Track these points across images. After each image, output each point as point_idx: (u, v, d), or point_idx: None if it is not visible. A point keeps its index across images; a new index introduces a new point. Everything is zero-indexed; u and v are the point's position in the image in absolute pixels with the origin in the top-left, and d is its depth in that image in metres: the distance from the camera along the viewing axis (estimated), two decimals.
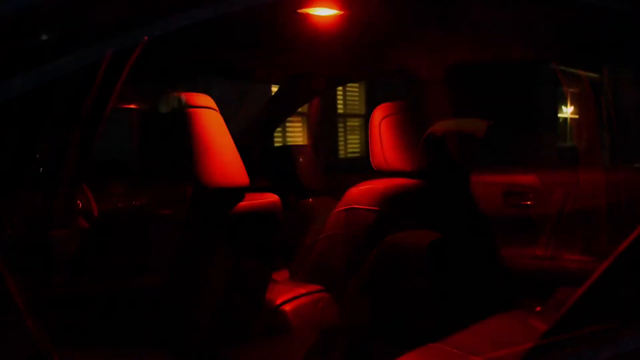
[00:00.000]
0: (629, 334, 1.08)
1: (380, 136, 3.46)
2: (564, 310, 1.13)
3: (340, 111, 17.10)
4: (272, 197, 2.65)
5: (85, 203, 3.28)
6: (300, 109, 8.20)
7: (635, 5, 2.76)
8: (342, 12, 2.97)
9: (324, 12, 2.95)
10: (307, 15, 2.99)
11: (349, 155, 17.49)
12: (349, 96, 17.40)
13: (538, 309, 3.36)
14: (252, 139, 4.83)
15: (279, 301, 2.96)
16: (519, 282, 3.82)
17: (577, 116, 24.99)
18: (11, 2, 2.59)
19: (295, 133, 15.25)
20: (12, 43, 2.70)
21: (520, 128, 20.19)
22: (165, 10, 2.82)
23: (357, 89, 17.52)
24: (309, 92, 4.87)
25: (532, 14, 3.02)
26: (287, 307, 2.95)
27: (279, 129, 14.04)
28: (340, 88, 16.63)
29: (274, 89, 5.02)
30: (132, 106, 4.74)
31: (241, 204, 2.48)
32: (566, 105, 25.23)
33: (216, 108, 2.41)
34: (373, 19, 3.16)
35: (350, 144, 17.65)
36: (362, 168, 4.55)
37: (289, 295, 3.01)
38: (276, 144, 13.57)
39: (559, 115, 24.81)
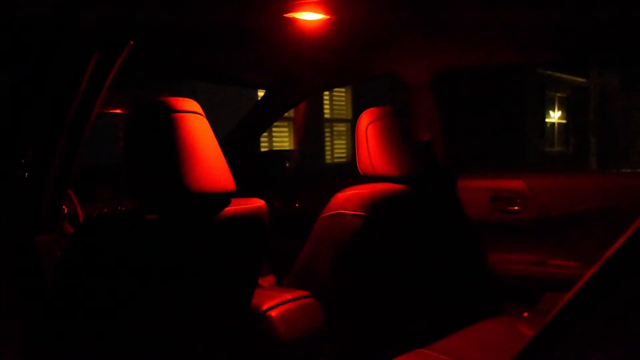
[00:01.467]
0: (618, 340, 1.07)
1: (367, 141, 3.45)
2: (552, 316, 1.11)
3: (326, 116, 17.15)
4: (258, 202, 2.64)
5: (71, 208, 3.26)
6: (286, 114, 8.22)
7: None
8: (328, 17, 2.96)
9: (310, 17, 2.95)
10: (294, 19, 2.99)
11: (336, 160, 17.52)
12: (335, 101, 17.44)
13: (525, 314, 3.36)
14: (238, 143, 4.82)
15: (265, 307, 2.94)
16: (506, 288, 3.81)
17: (564, 121, 25.11)
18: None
19: (282, 138, 15.27)
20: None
21: (507, 133, 20.26)
22: (151, 14, 2.82)
23: (343, 94, 17.58)
24: (295, 96, 4.86)
25: (519, 18, 3.01)
26: (273, 313, 2.93)
27: (265, 134, 14.07)
28: (326, 93, 16.67)
29: (261, 93, 5.00)
30: (118, 111, 4.73)
31: (227, 209, 2.46)
32: (554, 110, 25.33)
33: (202, 113, 2.40)
34: (360, 23, 3.15)
35: (336, 149, 17.69)
36: (349, 173, 4.55)
37: (275, 301, 3.00)
38: (262, 149, 13.59)
39: (547, 120, 24.91)
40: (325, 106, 17.06)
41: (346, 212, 3.23)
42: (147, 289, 2.36)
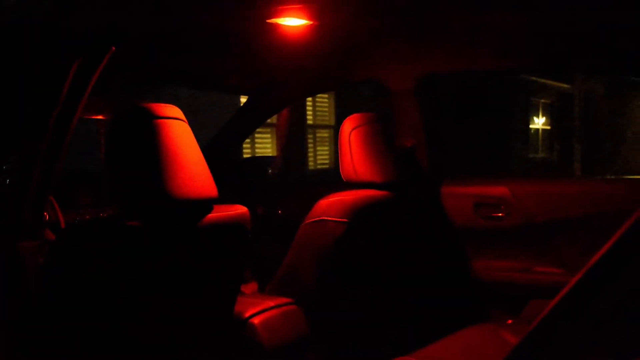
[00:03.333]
0: (603, 346, 1.06)
1: (350, 147, 3.44)
2: (536, 323, 1.11)
3: (309, 122, 17.13)
4: (240, 209, 2.63)
5: (52, 215, 3.24)
6: (269, 120, 8.23)
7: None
8: (311, 23, 2.95)
9: (293, 22, 2.94)
10: (277, 25, 2.98)
11: (319, 166, 17.51)
12: (318, 107, 17.43)
13: (510, 321, 3.35)
14: (221, 150, 4.81)
15: (247, 314, 2.93)
16: (490, 295, 3.81)
17: (549, 127, 25.17)
18: None
19: (265, 144, 15.25)
20: None
21: (491, 139, 20.29)
22: (134, 19, 2.80)
23: (326, 100, 17.56)
24: (278, 102, 4.85)
25: (504, 24, 3.01)
26: (255, 320, 2.92)
27: (248, 140, 14.05)
28: (309, 99, 16.67)
29: (243, 99, 5.00)
30: (100, 116, 4.71)
31: (209, 215, 2.45)
32: (538, 116, 25.38)
33: (184, 119, 2.39)
34: (343, 29, 3.15)
35: (319, 155, 17.67)
36: (332, 179, 4.54)
37: (257, 308, 2.98)
38: (245, 155, 13.57)
39: (531, 126, 24.95)
40: (308, 112, 17.05)
41: (329, 218, 3.22)
42: (129, 295, 2.35)
